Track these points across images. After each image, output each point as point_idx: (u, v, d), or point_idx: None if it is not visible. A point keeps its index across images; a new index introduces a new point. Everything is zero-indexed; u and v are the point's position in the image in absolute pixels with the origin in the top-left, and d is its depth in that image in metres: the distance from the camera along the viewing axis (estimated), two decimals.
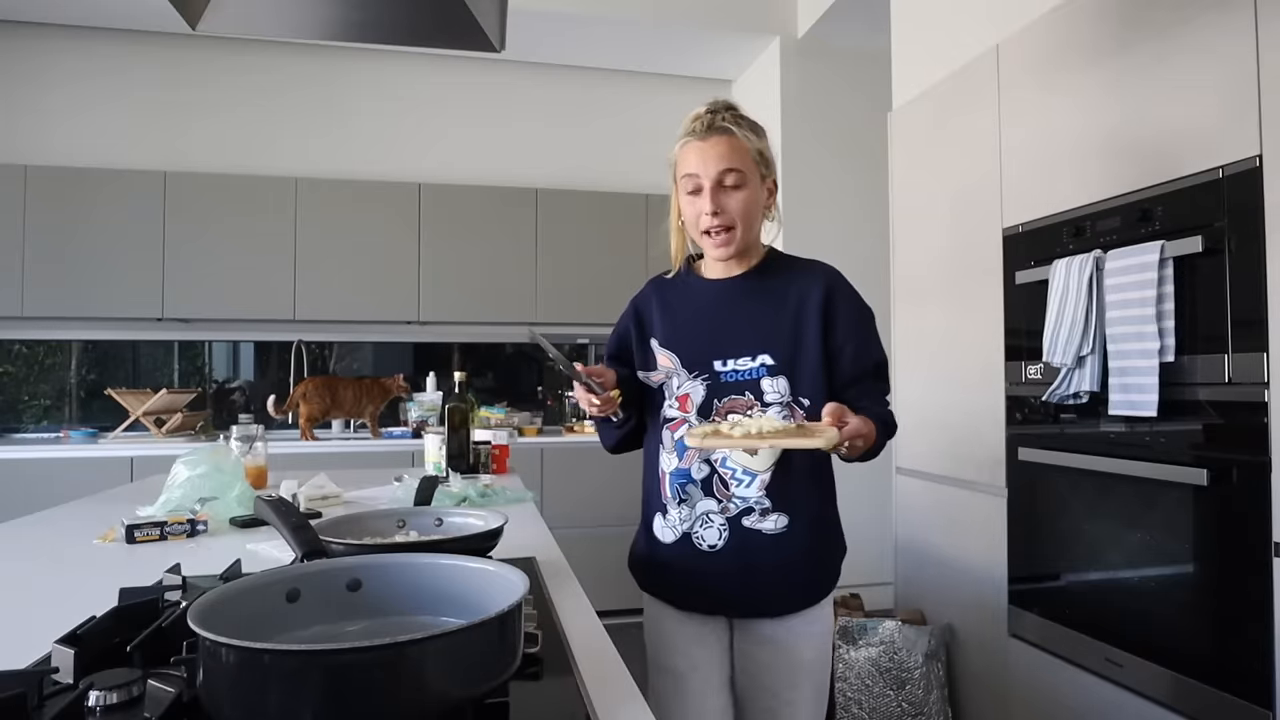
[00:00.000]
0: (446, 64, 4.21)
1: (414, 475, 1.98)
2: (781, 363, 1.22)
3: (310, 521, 0.91)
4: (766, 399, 1.21)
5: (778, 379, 1.22)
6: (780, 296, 1.25)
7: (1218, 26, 1.47)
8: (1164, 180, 1.57)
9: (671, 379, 1.28)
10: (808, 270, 1.29)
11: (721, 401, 1.23)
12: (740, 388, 1.23)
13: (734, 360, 1.24)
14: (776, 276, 1.28)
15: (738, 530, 1.22)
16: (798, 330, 1.23)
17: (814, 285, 1.25)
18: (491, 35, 1.55)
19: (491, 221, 3.89)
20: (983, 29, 2.27)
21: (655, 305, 1.33)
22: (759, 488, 1.22)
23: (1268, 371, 1.36)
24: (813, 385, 1.22)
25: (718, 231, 1.21)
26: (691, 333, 1.28)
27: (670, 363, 1.28)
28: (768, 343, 1.23)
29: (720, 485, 1.23)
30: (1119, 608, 1.68)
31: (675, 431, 1.26)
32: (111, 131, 3.84)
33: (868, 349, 1.26)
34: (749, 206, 1.22)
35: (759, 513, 1.22)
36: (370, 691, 0.50)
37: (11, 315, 3.47)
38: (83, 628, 0.68)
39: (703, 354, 1.25)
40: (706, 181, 1.20)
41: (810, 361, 1.22)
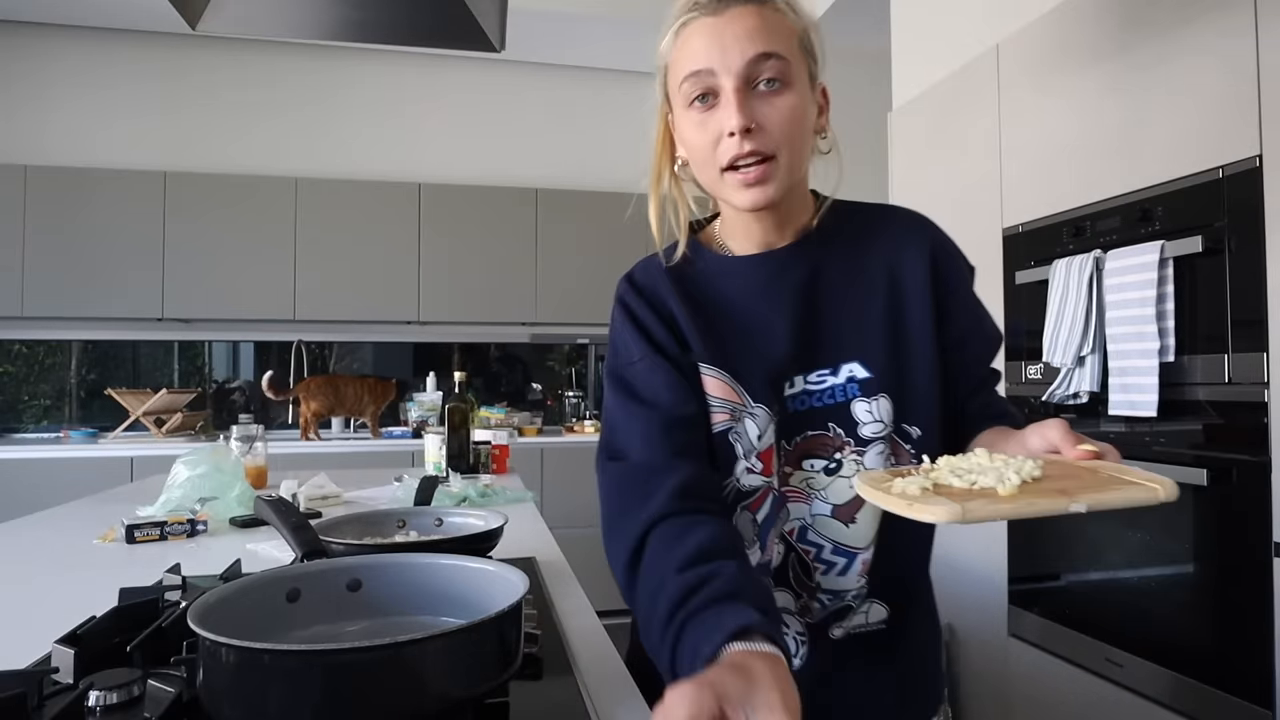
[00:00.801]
0: (447, 64, 4.21)
1: (414, 475, 1.98)
2: (880, 375, 0.79)
3: (310, 521, 0.90)
4: (863, 433, 0.79)
5: (877, 400, 0.79)
6: (863, 270, 0.82)
7: (1218, 26, 1.47)
8: (1164, 180, 1.57)
9: (741, 422, 0.78)
10: (892, 225, 0.85)
11: (792, 444, 0.80)
12: (820, 419, 0.79)
13: (804, 377, 0.80)
14: (849, 240, 0.83)
15: (822, 643, 0.82)
16: (899, 320, 0.80)
17: (911, 247, 0.82)
18: (491, 35, 1.56)
19: (491, 221, 3.89)
20: (983, 29, 2.27)
21: (677, 301, 0.82)
22: (859, 573, 0.81)
23: (1268, 371, 1.36)
24: (926, 405, 0.80)
25: (749, 164, 0.73)
26: (744, 341, 0.81)
27: (732, 393, 0.79)
28: (854, 344, 0.80)
29: (799, 571, 0.81)
30: (1119, 608, 1.68)
31: (758, 511, 0.79)
32: (111, 131, 3.84)
33: (989, 331, 0.87)
34: (799, 119, 0.74)
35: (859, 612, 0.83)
36: (370, 691, 0.50)
37: (11, 315, 3.47)
38: (83, 628, 0.68)
39: (768, 374, 0.80)
40: (728, 79, 0.72)
41: (923, 369, 0.80)
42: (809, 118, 0.77)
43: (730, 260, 0.84)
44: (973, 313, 0.85)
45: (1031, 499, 0.55)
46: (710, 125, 0.74)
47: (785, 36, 0.75)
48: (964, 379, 0.84)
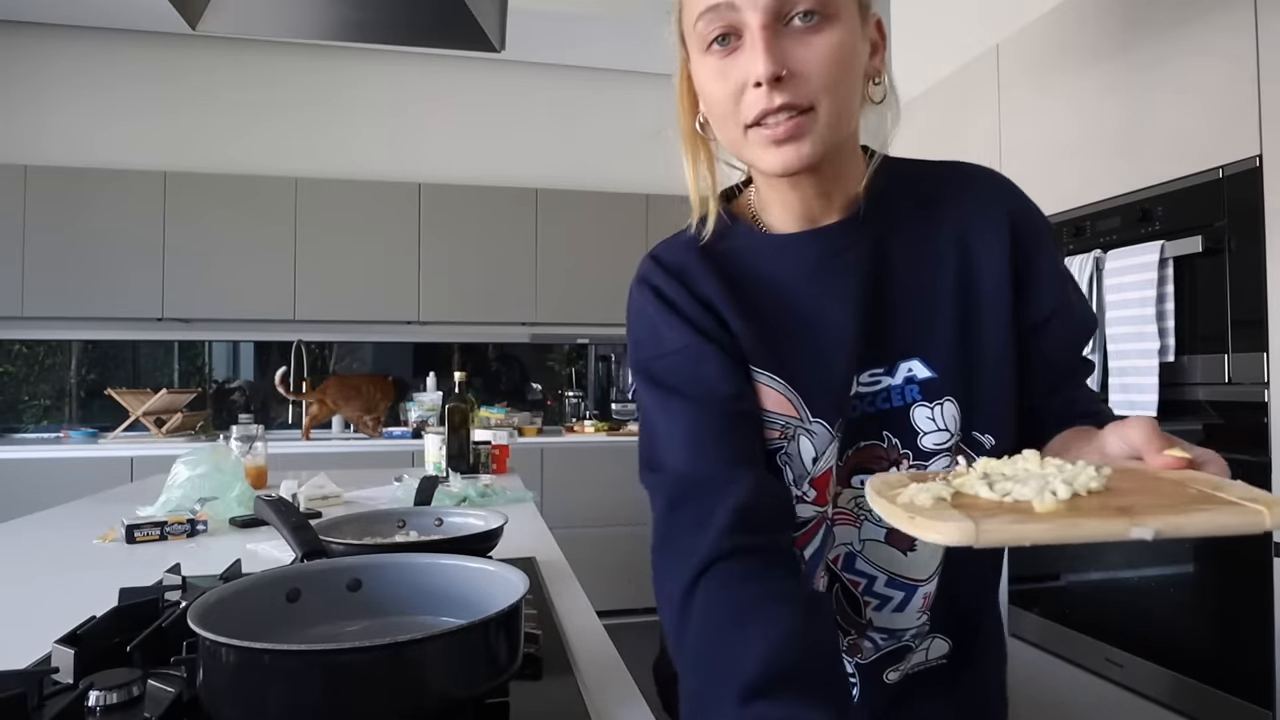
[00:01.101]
0: (447, 64, 4.21)
1: (414, 475, 1.98)
2: (946, 375, 0.66)
3: (310, 521, 0.90)
4: (924, 444, 0.66)
5: (941, 405, 0.66)
6: (928, 246, 0.68)
7: (1218, 26, 1.47)
8: (1164, 180, 1.57)
9: (794, 442, 0.66)
10: (964, 188, 0.69)
11: (843, 458, 0.68)
12: (874, 427, 0.67)
13: (856, 379, 0.67)
14: (912, 209, 0.69)
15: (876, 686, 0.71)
16: (970, 307, 0.66)
17: (989, 220, 0.67)
18: (491, 35, 1.56)
19: (491, 221, 3.89)
20: (983, 29, 2.27)
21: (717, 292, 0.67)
22: (919, 609, 0.69)
23: (1268, 371, 1.36)
24: (1001, 409, 0.67)
25: (779, 118, 0.59)
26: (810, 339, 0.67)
27: (789, 405, 0.66)
28: (916, 338, 0.66)
29: (845, 605, 0.70)
30: (1119, 608, 1.68)
31: (806, 546, 0.68)
32: (111, 131, 3.84)
33: (1081, 318, 0.71)
34: (844, 62, 0.60)
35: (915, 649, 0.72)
36: (370, 691, 0.50)
37: (11, 315, 3.47)
38: (83, 628, 0.68)
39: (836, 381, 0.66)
40: (754, 14, 0.58)
41: (998, 368, 0.66)
42: (858, 58, 0.62)
43: (772, 238, 0.69)
44: (1059, 292, 0.69)
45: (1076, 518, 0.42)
46: (732, 73, 0.60)
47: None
48: (1043, 372, 0.69)
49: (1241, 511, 0.41)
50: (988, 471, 0.50)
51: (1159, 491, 0.45)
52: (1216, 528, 0.41)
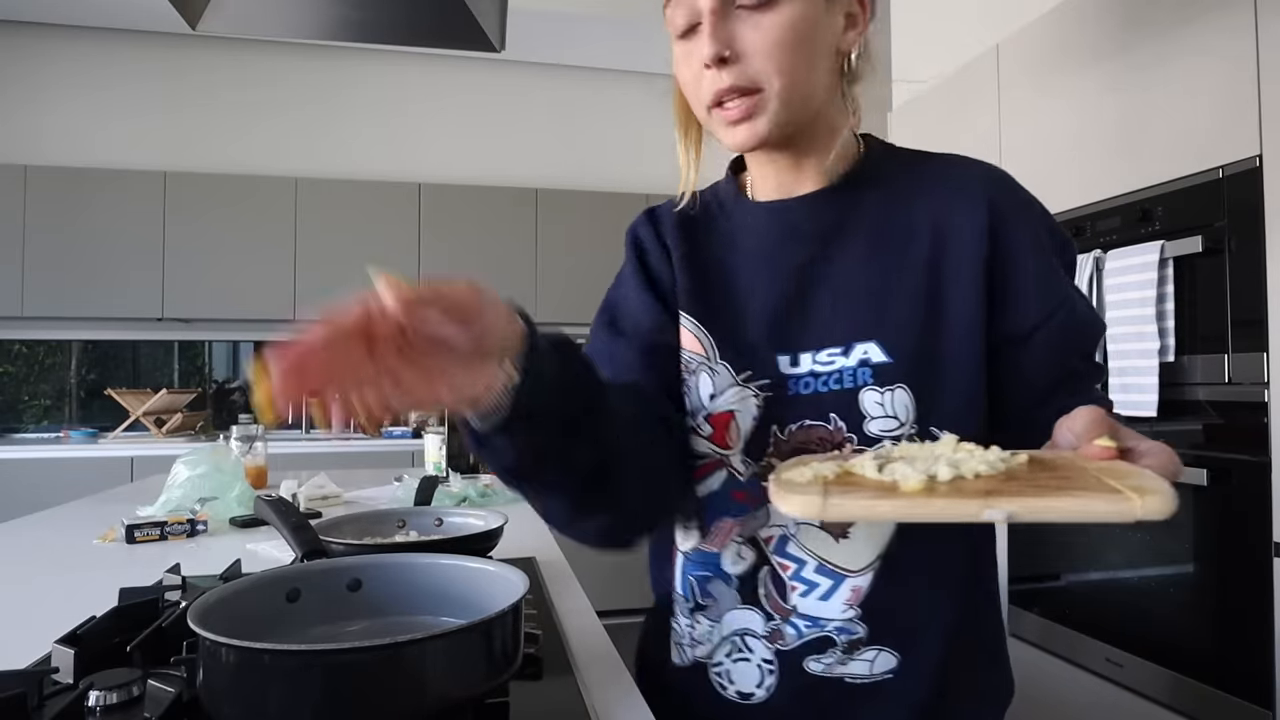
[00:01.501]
0: (447, 64, 4.21)
1: (414, 475, 1.98)
2: (902, 361, 0.64)
3: (310, 521, 0.91)
4: (870, 429, 0.65)
5: (892, 391, 0.64)
6: (900, 231, 0.68)
7: (1218, 26, 1.47)
8: (1164, 180, 1.57)
9: (695, 376, 0.69)
10: (945, 179, 0.70)
11: (786, 432, 0.67)
12: (820, 407, 0.66)
13: (812, 355, 0.67)
14: (886, 191, 0.69)
15: (794, 677, 0.67)
16: (934, 298, 0.65)
17: (967, 209, 0.66)
18: (491, 35, 1.56)
19: (491, 221, 3.89)
20: (982, 29, 2.27)
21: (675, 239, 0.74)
22: (844, 602, 0.66)
23: (1268, 371, 1.36)
24: (963, 405, 0.65)
25: (732, 98, 0.62)
26: (734, 296, 0.70)
27: (699, 345, 0.70)
28: (875, 321, 0.66)
29: (772, 589, 0.68)
30: (1119, 608, 1.68)
31: (700, 481, 0.69)
32: (111, 131, 3.84)
33: (1082, 322, 0.67)
34: (793, 39, 0.61)
35: (841, 649, 0.66)
36: (370, 691, 0.50)
37: (11, 315, 3.47)
38: (83, 628, 0.68)
39: (756, 338, 0.68)
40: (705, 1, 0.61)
41: (960, 361, 0.65)
42: (815, 35, 0.62)
43: (747, 205, 0.73)
44: (1053, 294, 0.66)
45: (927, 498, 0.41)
46: (692, 57, 0.63)
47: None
48: (1031, 379, 0.66)
49: (1115, 499, 0.39)
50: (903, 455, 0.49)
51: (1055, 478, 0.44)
52: (1080, 513, 0.39)
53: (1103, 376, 0.73)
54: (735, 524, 0.68)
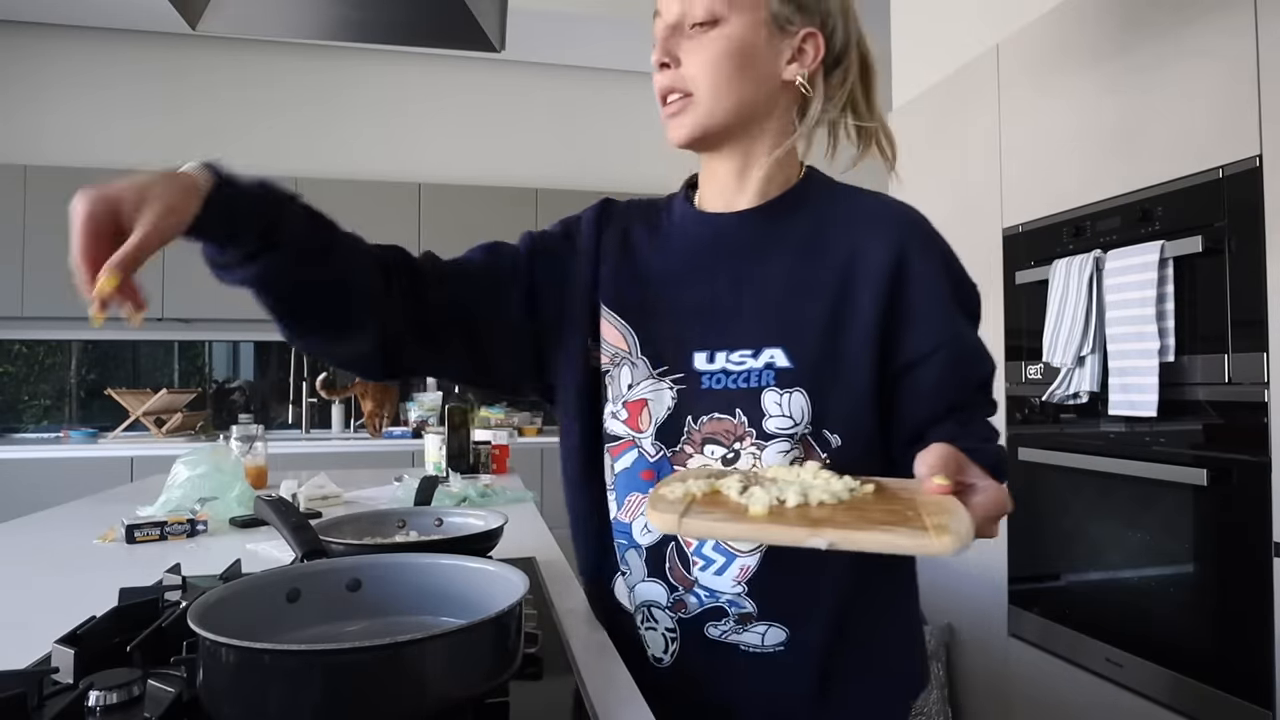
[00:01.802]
0: (447, 64, 4.21)
1: (414, 475, 1.98)
2: (803, 368, 0.73)
3: (310, 521, 0.90)
4: (768, 426, 0.73)
5: (790, 394, 0.72)
6: (819, 253, 0.76)
7: (1218, 27, 1.47)
8: (1164, 180, 1.57)
9: (619, 368, 0.78)
10: (872, 215, 0.78)
11: (699, 423, 0.75)
12: (729, 402, 0.74)
13: (726, 355, 0.75)
14: (813, 217, 0.78)
15: (696, 643, 0.76)
16: (841, 314, 0.74)
17: (880, 243, 0.74)
18: (491, 35, 1.56)
19: (491, 221, 3.88)
20: (982, 29, 2.27)
21: (614, 238, 0.83)
22: (733, 579, 0.74)
23: (1268, 371, 1.36)
24: (853, 413, 0.74)
25: (671, 98, 0.75)
26: (661, 297, 0.79)
27: (622, 341, 0.79)
28: (784, 329, 0.74)
29: (677, 562, 0.76)
30: (1119, 608, 1.68)
31: (617, 458, 0.79)
32: (112, 131, 3.84)
33: (970, 357, 0.77)
34: (722, 56, 0.72)
35: (733, 619, 0.74)
36: (370, 691, 0.50)
37: (11, 315, 3.47)
38: (83, 628, 0.68)
39: (675, 336, 0.77)
40: (663, 16, 0.75)
41: (854, 373, 0.73)
42: (746, 57, 0.73)
43: (686, 212, 0.84)
44: (944, 333, 0.74)
45: (765, 525, 0.50)
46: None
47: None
48: (925, 402, 0.75)
49: (917, 535, 0.48)
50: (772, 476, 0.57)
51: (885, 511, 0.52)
52: (886, 546, 0.48)
53: (994, 410, 0.81)
54: (644, 499, 0.76)
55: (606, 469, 0.80)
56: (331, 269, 0.75)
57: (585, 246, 0.83)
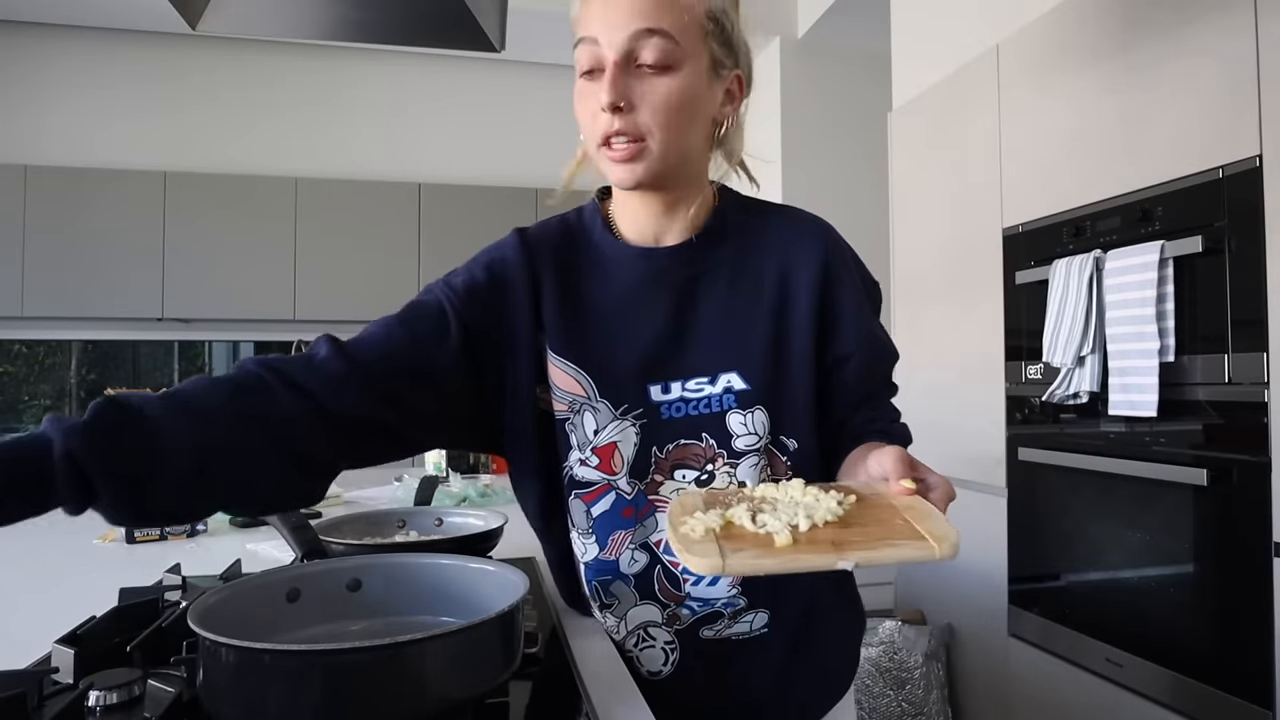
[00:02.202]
0: (447, 64, 4.21)
1: (414, 475, 1.98)
2: (758, 388, 0.78)
3: (310, 521, 0.91)
4: (737, 445, 0.77)
5: (752, 413, 0.78)
6: (751, 276, 0.81)
7: (1218, 26, 1.47)
8: (1164, 180, 1.57)
9: (580, 415, 0.78)
10: (789, 231, 0.83)
11: (665, 452, 0.78)
12: (694, 428, 0.78)
13: (681, 384, 0.78)
14: (738, 241, 0.82)
15: (692, 647, 0.81)
16: (782, 332, 0.80)
17: (804, 259, 0.81)
18: (491, 35, 1.56)
19: (491, 221, 3.88)
20: (983, 29, 2.27)
21: (551, 275, 0.80)
22: (728, 585, 0.79)
23: (1268, 371, 1.36)
24: (803, 417, 0.80)
25: (619, 140, 0.73)
26: (608, 337, 0.79)
27: (578, 386, 0.78)
28: (735, 354, 0.79)
29: (665, 583, 0.80)
30: (1119, 608, 1.68)
31: (592, 503, 0.79)
32: (111, 131, 3.84)
33: (882, 352, 0.85)
34: (679, 104, 0.72)
35: (727, 618, 0.80)
36: (370, 691, 0.50)
37: (11, 315, 3.47)
38: (83, 628, 0.68)
39: (628, 373, 0.78)
40: (610, 51, 0.71)
41: (801, 381, 0.79)
42: (697, 104, 0.74)
43: (617, 247, 0.82)
44: (862, 329, 0.82)
45: (800, 554, 0.54)
46: (590, 97, 0.73)
47: (680, 14, 0.71)
48: (849, 394, 0.82)
49: (920, 546, 0.53)
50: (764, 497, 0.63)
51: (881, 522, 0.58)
52: (899, 559, 0.53)
53: (896, 393, 0.89)
54: (628, 534, 0.79)
55: (578, 514, 0.80)
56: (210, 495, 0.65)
57: (519, 285, 0.79)
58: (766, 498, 0.63)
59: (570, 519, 0.81)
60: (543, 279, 0.80)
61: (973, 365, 2.19)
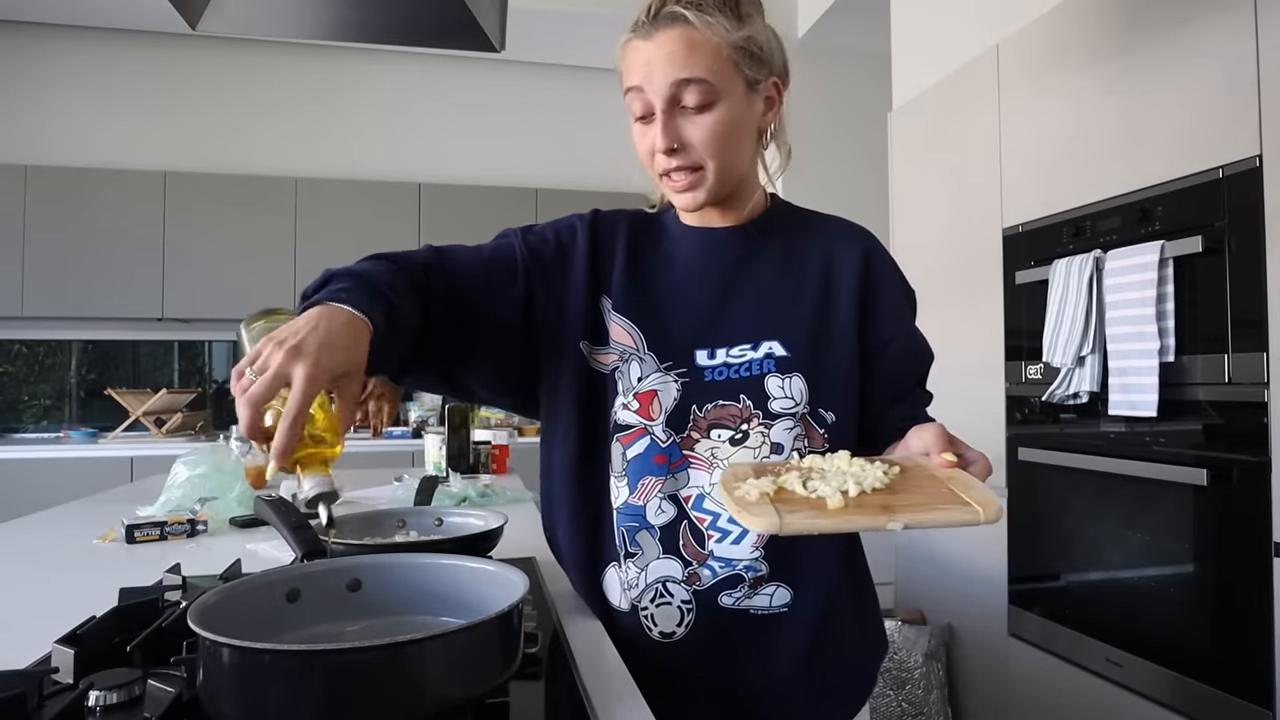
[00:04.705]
0: (446, 64, 4.21)
1: (414, 475, 1.98)
2: (798, 356, 0.84)
3: (310, 521, 0.90)
4: (773, 407, 0.83)
5: (790, 378, 0.83)
6: (798, 260, 0.89)
7: (1218, 27, 1.47)
8: (1164, 180, 1.57)
9: (628, 364, 0.86)
10: (834, 229, 0.92)
11: (704, 410, 0.84)
12: (733, 390, 0.84)
13: (726, 350, 0.85)
14: (787, 234, 0.91)
15: (709, 613, 0.83)
16: (825, 309, 0.86)
17: (847, 249, 0.88)
18: (491, 35, 1.56)
19: (491, 221, 3.86)
20: (982, 29, 2.27)
21: (621, 247, 0.90)
22: (751, 545, 0.82)
23: (1268, 371, 1.36)
24: (843, 393, 0.85)
25: (677, 175, 0.82)
26: (665, 302, 0.88)
27: (630, 339, 0.86)
28: (778, 324, 0.85)
29: (691, 538, 0.83)
30: (1119, 608, 1.68)
31: (629, 445, 0.85)
32: (111, 131, 3.84)
33: (919, 350, 0.92)
34: (725, 133, 0.81)
35: (748, 584, 0.83)
36: (370, 692, 0.50)
37: (11, 315, 3.47)
38: (83, 628, 0.68)
39: (679, 336, 0.86)
40: (657, 100, 0.79)
41: (841, 357, 0.85)
42: (742, 126, 0.83)
43: (681, 227, 0.92)
44: (901, 324, 0.90)
45: (852, 515, 0.56)
46: (646, 138, 0.82)
47: (711, 55, 0.79)
48: (887, 384, 0.88)
49: (966, 510, 0.56)
50: (812, 467, 0.66)
51: (924, 489, 0.61)
52: (947, 522, 0.56)
53: (930, 400, 0.94)
54: (658, 481, 0.84)
55: (615, 457, 0.86)
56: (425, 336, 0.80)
57: (580, 254, 0.89)
58: (815, 467, 0.66)
59: (610, 464, 0.86)
60: (614, 249, 0.90)
61: (973, 365, 2.19)
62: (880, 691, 2.16)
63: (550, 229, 0.92)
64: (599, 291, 0.88)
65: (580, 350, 0.87)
